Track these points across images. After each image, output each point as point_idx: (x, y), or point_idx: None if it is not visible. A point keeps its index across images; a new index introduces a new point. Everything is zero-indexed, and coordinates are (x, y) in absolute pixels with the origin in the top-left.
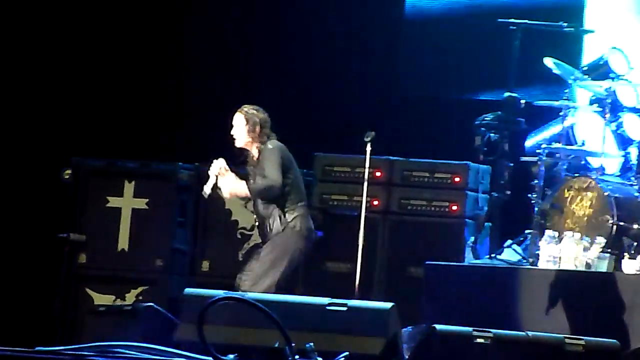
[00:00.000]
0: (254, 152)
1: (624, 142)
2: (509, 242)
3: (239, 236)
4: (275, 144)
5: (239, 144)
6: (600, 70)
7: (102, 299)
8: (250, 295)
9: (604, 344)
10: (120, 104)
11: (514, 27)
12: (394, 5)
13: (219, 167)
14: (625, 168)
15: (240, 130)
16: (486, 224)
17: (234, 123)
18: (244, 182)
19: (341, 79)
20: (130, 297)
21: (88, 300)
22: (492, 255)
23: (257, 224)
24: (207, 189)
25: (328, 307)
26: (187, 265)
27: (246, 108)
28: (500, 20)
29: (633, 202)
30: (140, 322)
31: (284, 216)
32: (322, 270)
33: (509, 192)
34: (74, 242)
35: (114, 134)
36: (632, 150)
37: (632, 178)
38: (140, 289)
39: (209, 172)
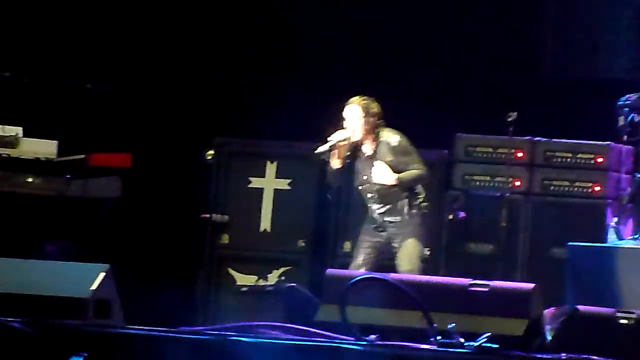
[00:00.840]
0: (369, 144)
1: None
2: None
3: None
4: (398, 133)
5: (355, 137)
6: None
7: (244, 279)
8: (391, 275)
9: None
10: (261, 83)
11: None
12: None
13: (342, 137)
14: None
15: (357, 123)
16: (629, 204)
17: (347, 115)
18: (394, 174)
19: (484, 59)
20: (273, 278)
21: (231, 280)
22: (636, 236)
23: (383, 210)
24: (320, 149)
25: (470, 288)
26: (330, 246)
27: (360, 99)
28: None
29: None
30: (282, 303)
31: (415, 200)
32: (464, 251)
33: None
34: (216, 223)
35: (257, 114)
36: None
37: None
38: (282, 270)
39: (330, 137)
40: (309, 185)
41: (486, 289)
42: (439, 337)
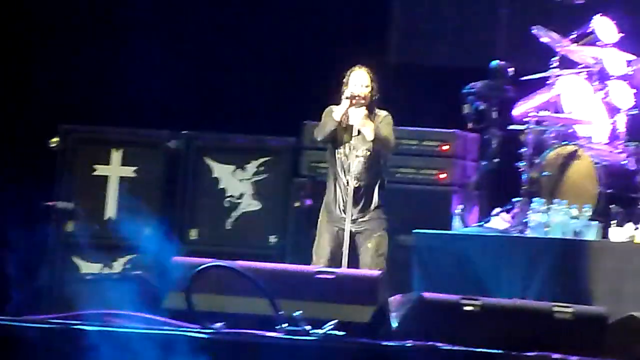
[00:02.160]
0: (363, 117)
1: (611, 110)
2: (497, 210)
3: (226, 204)
4: (387, 112)
5: (360, 103)
6: (588, 39)
7: (89, 268)
8: (238, 263)
9: (592, 311)
10: (110, 70)
11: None
12: None
13: (356, 95)
14: (613, 136)
15: (367, 89)
16: (474, 192)
17: (357, 81)
18: (372, 123)
19: (330, 46)
20: (118, 266)
21: (76, 269)
22: (481, 223)
23: (353, 185)
24: (336, 115)
25: (317, 276)
26: (176, 234)
27: (366, 67)
28: None
29: (620, 170)
30: (128, 291)
31: (384, 192)
32: (311, 238)
33: (497, 161)
34: (61, 211)
35: (103, 102)
36: (620, 118)
37: (620, 146)
38: (128, 257)
39: (343, 97)
40: (154, 172)
41: (333, 277)
42: (285, 325)
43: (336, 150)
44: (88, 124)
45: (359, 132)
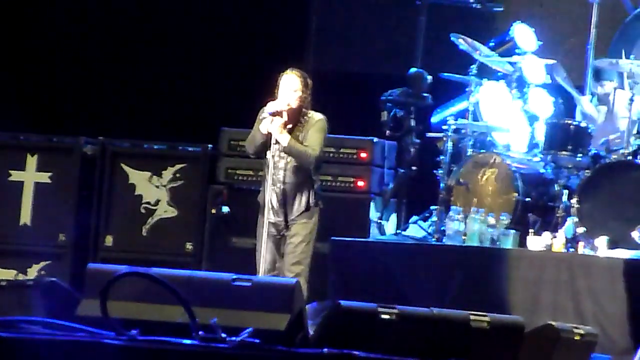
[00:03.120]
0: (297, 119)
1: (530, 118)
2: (414, 218)
3: (142, 211)
4: (323, 116)
5: (290, 106)
6: (506, 46)
7: (3, 274)
8: (154, 270)
9: (508, 320)
10: (25, 75)
11: (420, 2)
12: None
13: (276, 112)
14: (532, 144)
15: (296, 94)
16: (392, 199)
17: (286, 85)
18: (288, 135)
19: (248, 52)
20: (32, 272)
21: None
22: (398, 231)
23: (273, 189)
24: (263, 128)
25: (233, 283)
26: (91, 240)
27: (299, 72)
28: None
29: (538, 178)
30: (42, 298)
31: (316, 193)
32: (228, 245)
33: (415, 168)
34: None
35: (18, 107)
36: (538, 127)
37: (538, 154)
38: (42, 264)
39: (272, 105)
40: (70, 178)
41: (249, 284)
42: (201, 332)
43: (267, 153)
44: (3, 130)
45: (276, 140)
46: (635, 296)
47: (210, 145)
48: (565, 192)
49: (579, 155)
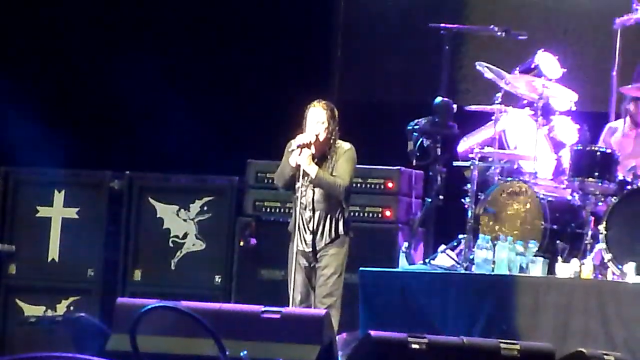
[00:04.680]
0: (325, 150)
1: (556, 145)
2: (442, 247)
3: (171, 245)
4: (352, 146)
5: (317, 138)
6: (531, 74)
7: (32, 310)
8: (182, 303)
9: (539, 347)
10: (51, 111)
11: (445, 32)
12: (329, 10)
13: (304, 144)
14: (558, 172)
15: (323, 126)
16: (420, 229)
17: (314, 117)
18: (317, 167)
19: (277, 83)
20: (62, 308)
21: (19, 311)
22: (426, 260)
23: (303, 218)
24: (292, 161)
25: (262, 315)
26: (120, 275)
27: (325, 103)
28: (431, 25)
29: (566, 205)
30: (71, 333)
31: (346, 222)
32: (256, 278)
33: (442, 197)
34: (3, 253)
35: (44, 142)
36: (564, 154)
37: (565, 181)
38: (71, 299)
39: (301, 137)
40: (97, 213)
41: (278, 316)
42: None
43: (295, 184)
44: (29, 165)
45: (305, 172)
46: None
47: (237, 178)
48: (593, 218)
49: (606, 181)
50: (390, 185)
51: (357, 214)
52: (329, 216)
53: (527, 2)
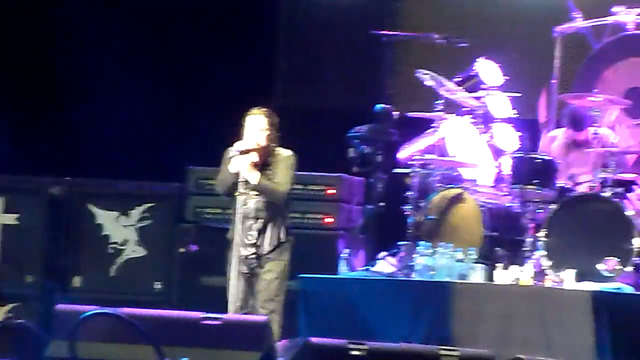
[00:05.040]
0: (265, 157)
1: (496, 152)
2: (383, 254)
3: (110, 251)
4: (292, 153)
5: (257, 145)
6: (471, 82)
7: None
8: (122, 310)
9: (478, 354)
10: None
11: (386, 39)
12: (270, 16)
13: (245, 150)
14: (499, 179)
15: (263, 133)
16: (361, 235)
17: (253, 124)
18: (258, 173)
19: (218, 90)
20: (0, 314)
21: None
22: (367, 267)
23: (244, 225)
24: (232, 168)
25: (203, 322)
26: (59, 281)
27: (264, 110)
28: (372, 32)
29: (506, 212)
30: (11, 339)
31: (287, 229)
32: (197, 284)
33: (383, 204)
34: None
35: None
36: (504, 161)
37: (505, 188)
38: (10, 306)
39: (240, 144)
40: (37, 219)
41: (218, 322)
42: None
43: (236, 191)
44: None
45: (246, 179)
46: (603, 328)
47: (178, 184)
48: (533, 225)
49: (546, 189)
50: (331, 192)
51: (298, 220)
52: (270, 223)
53: (469, 10)
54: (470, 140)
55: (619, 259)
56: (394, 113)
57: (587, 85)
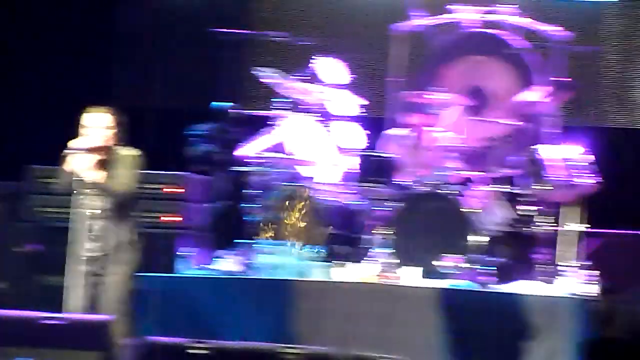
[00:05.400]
0: (105, 156)
1: (339, 150)
2: (224, 252)
3: None
4: (135, 151)
5: (97, 144)
6: (313, 80)
7: None
8: None
9: (319, 351)
10: None
11: (226, 37)
12: (111, 15)
13: (91, 142)
14: (340, 176)
15: (103, 131)
16: (203, 234)
17: (93, 122)
18: (98, 172)
19: (57, 88)
20: None
21: None
22: (208, 265)
23: (86, 224)
24: (67, 167)
25: (42, 321)
26: None
27: (105, 108)
28: (211, 30)
29: (349, 210)
30: None
31: (132, 228)
32: (36, 284)
33: (224, 202)
34: None
35: None
36: (348, 159)
37: (349, 186)
38: None
39: (79, 142)
40: None
41: (61, 322)
42: None
43: (78, 188)
44: None
45: (86, 178)
46: (444, 325)
47: (16, 183)
48: (377, 223)
49: (390, 186)
50: (174, 190)
51: (143, 219)
52: (113, 222)
53: (313, 10)
54: (310, 139)
55: (458, 256)
56: (234, 111)
57: (427, 83)
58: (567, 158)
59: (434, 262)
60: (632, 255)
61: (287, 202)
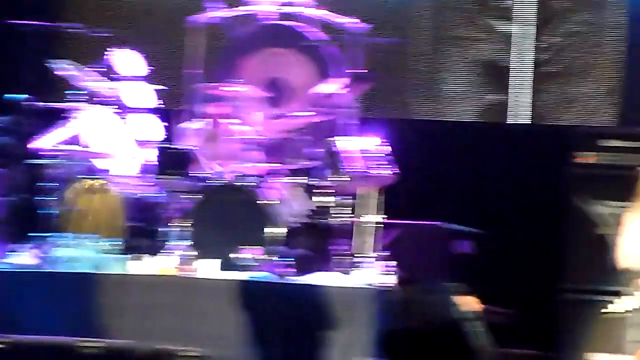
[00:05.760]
0: None
1: (138, 143)
2: (19, 245)
3: None
4: None
5: None
6: (106, 71)
7: None
8: None
9: (120, 345)
10: None
11: (23, 28)
12: None
13: None
14: (142, 169)
15: None
16: (1, 227)
17: None
18: None
19: None
20: None
21: None
22: (2, 258)
23: None
24: None
25: None
26: None
27: None
28: (9, 21)
29: (148, 203)
30: None
31: None
32: None
33: (21, 195)
34: None
35: None
36: (147, 151)
37: (148, 179)
38: None
39: None
40: None
41: None
42: None
43: None
44: None
45: None
46: (243, 317)
47: None
48: (174, 216)
49: (189, 179)
50: None
51: None
52: None
53: (110, 1)
54: (107, 131)
55: (256, 248)
56: (28, 103)
57: (226, 75)
58: (364, 149)
59: (232, 254)
60: (428, 246)
61: (83, 195)
